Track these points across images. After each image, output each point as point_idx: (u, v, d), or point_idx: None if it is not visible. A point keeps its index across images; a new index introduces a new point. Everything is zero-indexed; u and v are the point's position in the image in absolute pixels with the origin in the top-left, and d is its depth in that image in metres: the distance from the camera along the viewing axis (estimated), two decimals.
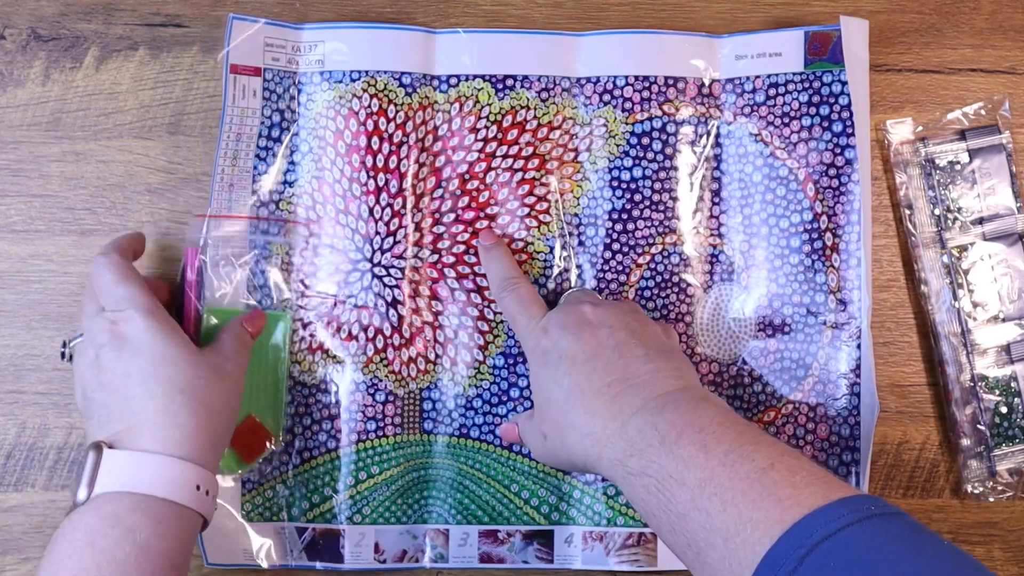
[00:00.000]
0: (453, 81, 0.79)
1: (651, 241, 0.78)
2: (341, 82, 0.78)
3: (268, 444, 0.76)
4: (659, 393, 0.64)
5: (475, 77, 0.79)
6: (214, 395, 0.66)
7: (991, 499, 0.79)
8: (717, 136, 0.79)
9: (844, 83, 0.77)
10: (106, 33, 0.80)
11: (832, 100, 0.77)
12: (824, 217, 0.77)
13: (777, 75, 0.78)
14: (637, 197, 0.78)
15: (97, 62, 0.80)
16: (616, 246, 0.78)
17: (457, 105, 0.79)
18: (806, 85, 0.78)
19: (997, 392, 0.78)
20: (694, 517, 0.56)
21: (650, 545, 0.78)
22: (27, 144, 0.79)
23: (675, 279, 0.79)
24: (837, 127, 0.77)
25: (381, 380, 0.77)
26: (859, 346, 0.76)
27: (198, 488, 0.64)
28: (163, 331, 0.66)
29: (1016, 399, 0.78)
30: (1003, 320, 0.79)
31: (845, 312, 0.76)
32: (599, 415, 0.64)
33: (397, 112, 0.78)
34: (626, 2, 0.81)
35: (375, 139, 0.77)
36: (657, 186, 0.78)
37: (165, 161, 0.79)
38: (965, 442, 0.78)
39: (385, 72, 0.78)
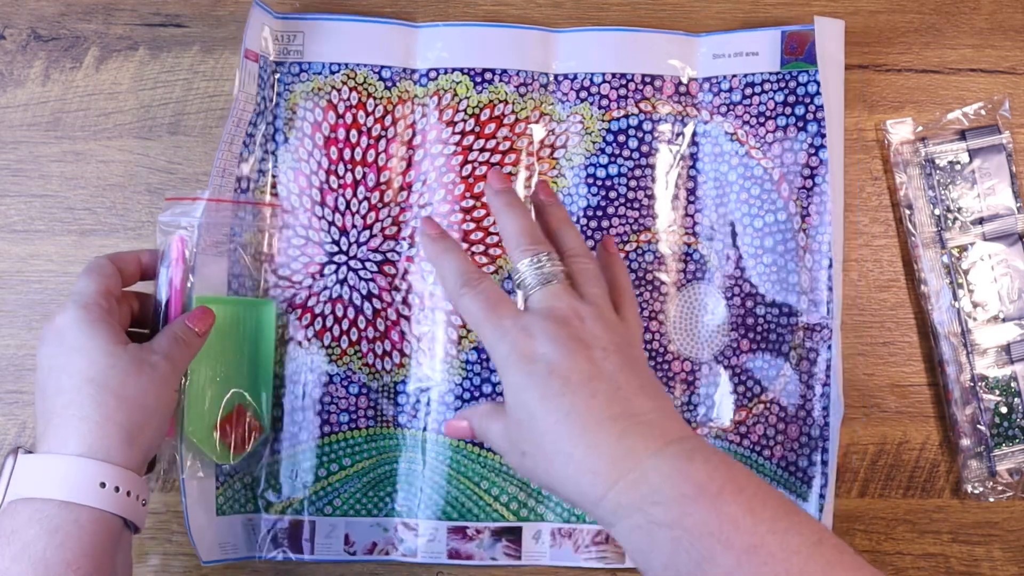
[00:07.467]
0: (432, 75, 0.79)
1: (626, 239, 0.78)
2: (320, 74, 0.78)
3: (257, 433, 0.76)
4: (676, 437, 0.56)
5: (454, 70, 0.79)
6: (129, 386, 0.63)
7: (991, 499, 0.78)
8: (693, 135, 0.79)
9: (820, 83, 0.76)
10: (106, 33, 0.81)
11: (808, 100, 0.77)
12: (797, 217, 0.76)
13: (753, 75, 0.78)
14: (612, 194, 0.78)
15: (97, 62, 0.81)
16: (591, 243, 0.78)
17: (435, 98, 0.79)
18: (782, 85, 0.77)
19: (997, 392, 0.78)
20: None
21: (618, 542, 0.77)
22: (27, 144, 0.80)
23: (649, 277, 0.78)
24: (812, 127, 0.76)
25: (355, 372, 0.78)
26: (831, 347, 0.75)
27: (103, 486, 0.60)
28: (87, 321, 0.64)
29: (1016, 399, 0.78)
30: (1003, 320, 0.78)
31: (817, 313, 0.76)
32: (604, 452, 0.55)
33: (376, 106, 0.79)
34: (626, 2, 0.81)
35: (353, 132, 0.78)
36: (633, 184, 0.78)
37: (165, 161, 0.80)
38: (965, 442, 0.78)
39: (365, 65, 0.79)
